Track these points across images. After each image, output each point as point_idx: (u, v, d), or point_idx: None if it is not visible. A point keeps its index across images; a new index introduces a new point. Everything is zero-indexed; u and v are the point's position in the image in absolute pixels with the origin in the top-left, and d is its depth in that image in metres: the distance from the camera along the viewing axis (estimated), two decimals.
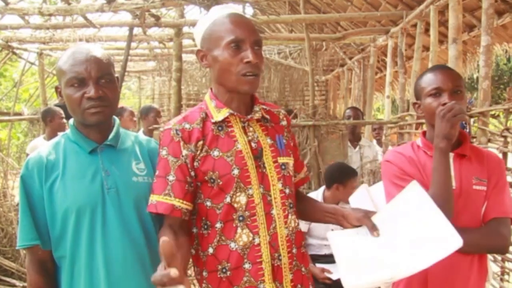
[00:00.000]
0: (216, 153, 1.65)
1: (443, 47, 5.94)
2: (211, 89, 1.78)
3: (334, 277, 3.26)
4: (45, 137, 5.02)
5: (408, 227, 1.63)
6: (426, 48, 5.78)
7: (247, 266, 1.63)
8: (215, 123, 1.69)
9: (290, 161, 1.77)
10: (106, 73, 1.73)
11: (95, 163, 1.74)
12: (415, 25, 5.56)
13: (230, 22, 1.63)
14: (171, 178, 1.64)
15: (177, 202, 1.62)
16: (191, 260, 1.75)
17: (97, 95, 1.68)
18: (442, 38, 5.69)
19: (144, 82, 13.94)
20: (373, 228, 1.66)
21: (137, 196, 1.76)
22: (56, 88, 1.80)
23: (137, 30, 6.16)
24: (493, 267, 3.62)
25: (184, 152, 1.64)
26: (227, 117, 1.69)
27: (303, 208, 1.88)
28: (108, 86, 1.73)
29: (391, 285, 2.03)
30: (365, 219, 1.69)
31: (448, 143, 1.78)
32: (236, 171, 1.63)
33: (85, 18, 5.14)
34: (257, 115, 1.74)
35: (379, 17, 6.28)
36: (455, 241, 1.51)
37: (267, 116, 1.79)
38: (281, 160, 1.73)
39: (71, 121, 1.83)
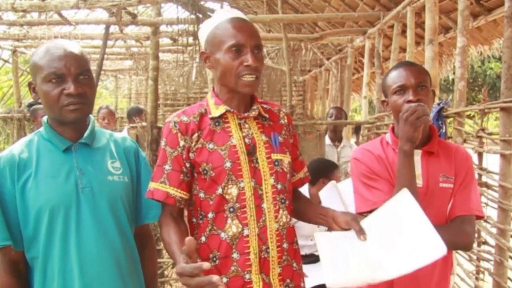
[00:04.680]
0: (211, 146, 1.73)
1: (420, 48, 5.99)
2: (213, 87, 1.87)
3: (308, 284, 3.15)
4: None
5: (395, 233, 1.65)
6: (402, 49, 5.85)
7: (235, 256, 1.70)
8: (212, 118, 1.77)
9: (284, 158, 1.82)
10: (85, 69, 1.71)
11: (69, 161, 1.71)
12: (392, 26, 5.60)
13: (232, 26, 1.72)
14: (167, 167, 1.73)
15: (172, 190, 1.71)
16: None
17: (76, 91, 1.65)
18: (419, 39, 5.74)
19: (121, 81, 13.83)
20: (360, 232, 1.67)
21: (112, 196, 1.73)
22: (30, 84, 1.75)
23: (113, 28, 6.10)
24: (468, 266, 3.67)
25: (181, 143, 1.73)
26: (224, 114, 1.78)
27: (298, 207, 1.93)
28: (87, 83, 1.70)
29: None
30: (353, 223, 1.70)
31: (412, 145, 1.80)
32: (228, 164, 1.70)
33: (60, 15, 5.06)
34: (253, 113, 1.81)
35: (356, 18, 6.32)
36: (439, 249, 1.53)
37: (266, 115, 1.86)
38: (275, 156, 1.79)
39: (45, 118, 1.78)
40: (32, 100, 5.18)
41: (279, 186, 1.77)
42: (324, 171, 3.50)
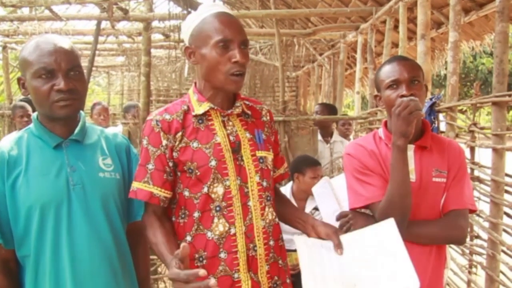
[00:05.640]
0: (195, 144, 1.70)
1: (412, 43, 6.00)
2: (195, 83, 1.83)
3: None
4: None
5: (373, 255, 1.69)
6: (395, 45, 5.84)
7: (222, 255, 1.68)
8: (195, 116, 1.74)
9: (268, 155, 1.82)
10: (76, 65, 1.68)
11: (60, 158, 1.69)
12: (384, 22, 5.60)
13: (219, 21, 1.68)
14: (150, 166, 1.70)
15: (155, 190, 1.69)
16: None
17: (67, 87, 1.63)
18: (411, 35, 5.74)
19: (113, 78, 13.77)
20: (338, 246, 1.71)
21: (104, 193, 1.72)
22: (19, 79, 1.72)
23: (105, 24, 6.06)
24: (461, 260, 3.68)
25: (164, 142, 1.70)
26: (207, 111, 1.75)
27: (278, 207, 1.91)
28: (78, 79, 1.68)
29: None
30: (333, 236, 1.73)
31: (405, 140, 1.79)
32: (213, 163, 1.68)
33: (51, 11, 5.01)
34: (237, 110, 1.79)
35: (349, 13, 6.31)
36: (412, 282, 1.57)
37: (249, 112, 1.84)
38: (259, 154, 1.78)
39: (35, 115, 1.76)
40: (23, 97, 5.14)
41: (264, 184, 1.76)
42: (297, 167, 3.48)
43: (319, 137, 5.04)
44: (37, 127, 1.73)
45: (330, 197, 2.21)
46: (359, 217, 1.95)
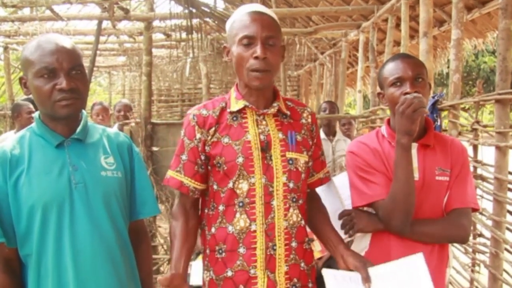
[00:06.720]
0: (226, 140, 1.76)
1: (414, 42, 6.00)
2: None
3: None
4: (15, 132, 4.84)
5: None
6: (397, 43, 5.85)
7: (241, 250, 1.72)
8: (231, 112, 1.79)
9: (301, 157, 1.81)
10: (77, 64, 1.68)
11: (62, 157, 1.69)
12: (386, 20, 5.59)
13: (246, 19, 1.73)
14: (183, 157, 1.80)
15: (186, 180, 1.78)
16: None
17: (69, 86, 1.62)
18: (413, 33, 5.74)
19: (115, 78, 13.78)
20: (366, 280, 1.70)
21: (106, 191, 1.72)
22: (21, 79, 1.73)
23: (106, 24, 6.06)
24: (464, 259, 3.67)
25: (198, 136, 1.78)
26: (243, 109, 1.79)
27: (313, 219, 1.92)
28: (79, 78, 1.68)
29: None
30: (361, 269, 1.72)
31: (409, 138, 1.78)
32: (240, 159, 1.72)
33: (52, 11, 5.01)
34: (272, 110, 1.80)
35: (350, 11, 6.32)
36: None
37: (287, 112, 1.84)
38: (289, 155, 1.78)
39: (36, 114, 1.76)
40: (25, 97, 5.12)
41: (291, 185, 1.76)
42: None
43: (322, 135, 5.02)
44: (39, 126, 1.73)
45: (332, 195, 2.21)
46: (362, 215, 1.94)
